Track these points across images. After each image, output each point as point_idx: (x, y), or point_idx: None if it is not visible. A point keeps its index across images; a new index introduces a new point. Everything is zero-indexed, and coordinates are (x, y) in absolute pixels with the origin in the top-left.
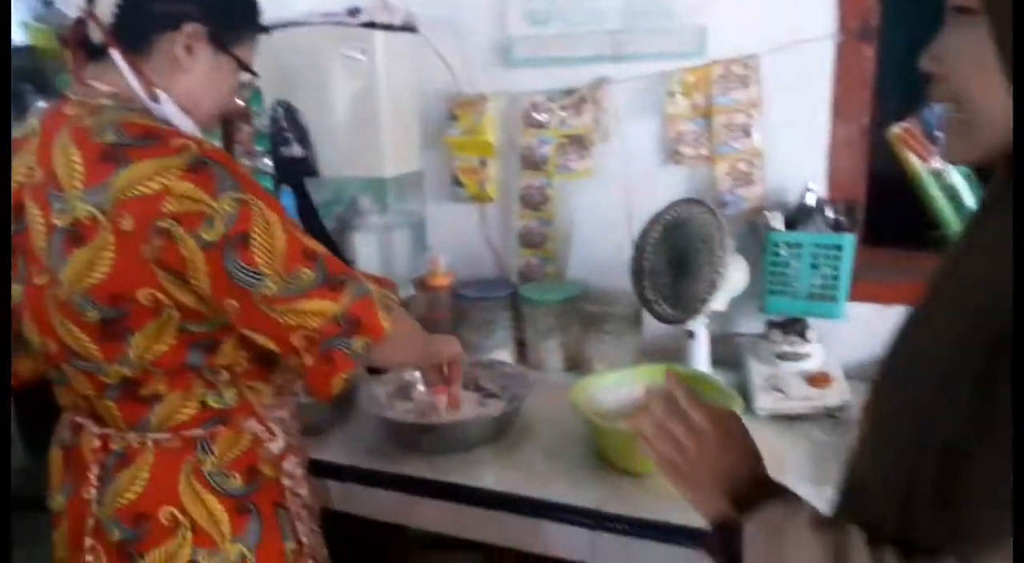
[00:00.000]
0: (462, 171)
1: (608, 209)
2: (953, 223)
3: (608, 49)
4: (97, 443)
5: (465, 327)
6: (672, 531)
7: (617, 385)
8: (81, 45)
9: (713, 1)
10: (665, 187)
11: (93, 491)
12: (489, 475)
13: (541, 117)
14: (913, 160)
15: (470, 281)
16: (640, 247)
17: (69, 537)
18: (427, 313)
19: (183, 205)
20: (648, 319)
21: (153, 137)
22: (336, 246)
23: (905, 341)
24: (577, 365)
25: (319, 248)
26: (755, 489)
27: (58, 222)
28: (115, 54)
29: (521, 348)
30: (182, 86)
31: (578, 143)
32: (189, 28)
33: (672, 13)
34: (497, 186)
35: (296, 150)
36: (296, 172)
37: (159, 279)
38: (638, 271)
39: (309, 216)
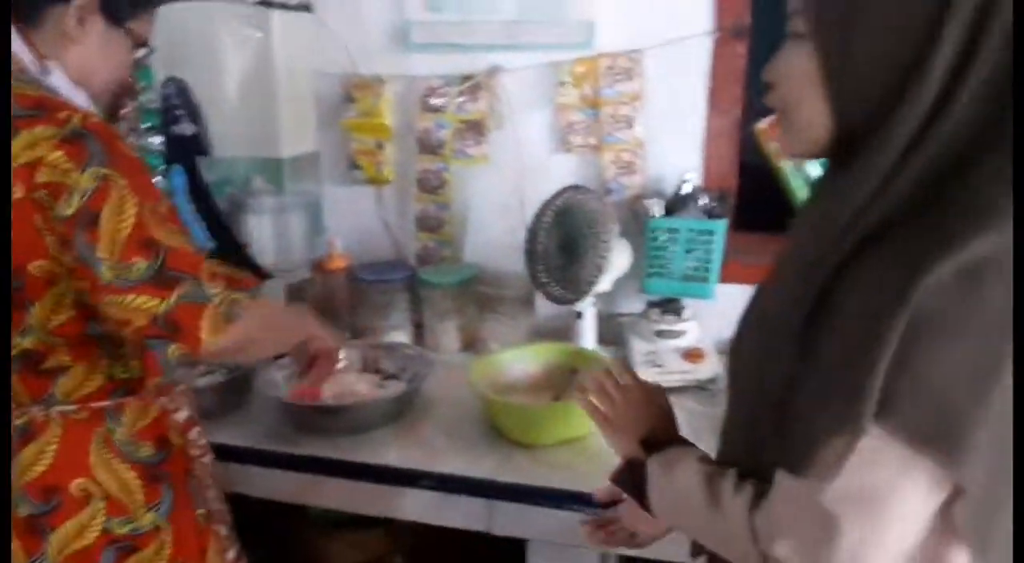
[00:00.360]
0: (359, 153)
1: (502, 194)
2: None
3: (503, 38)
4: None
5: (363, 309)
6: (562, 497)
7: (511, 363)
8: None
9: None
10: (556, 174)
11: None
12: (389, 453)
13: (438, 102)
14: (777, 153)
15: (368, 263)
16: (533, 231)
17: None
18: (324, 295)
19: (52, 175)
20: (540, 300)
21: (43, 108)
22: (228, 228)
23: (752, 306)
24: (473, 345)
25: (169, 240)
26: (665, 440)
27: None
28: None
29: (418, 330)
30: (74, 58)
31: (474, 129)
32: (80, 1)
33: (563, 6)
34: (394, 169)
35: (187, 128)
36: (187, 151)
37: (51, 250)
38: (531, 254)
39: (201, 196)
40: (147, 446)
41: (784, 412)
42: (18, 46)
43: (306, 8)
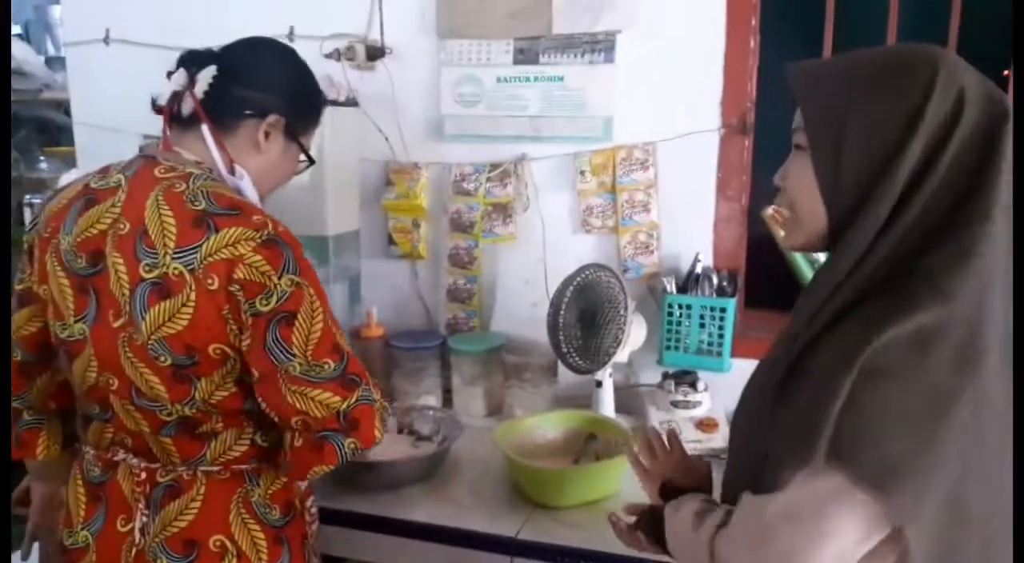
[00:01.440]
0: (396, 231)
1: (527, 270)
2: None
3: (528, 130)
4: (142, 476)
5: (397, 374)
6: (579, 555)
7: (534, 428)
8: (173, 115)
9: (618, 96)
10: (576, 253)
11: (140, 521)
12: (420, 510)
13: (469, 186)
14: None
15: (402, 332)
16: (555, 305)
17: None
18: (361, 362)
19: (250, 274)
20: (562, 369)
21: (238, 209)
22: None
23: (751, 377)
24: (498, 410)
25: (347, 346)
26: (686, 490)
27: (146, 275)
28: (205, 129)
29: (447, 394)
30: (254, 164)
31: (502, 211)
32: (272, 118)
33: (583, 104)
34: (428, 246)
35: None
36: None
37: (229, 335)
38: (553, 326)
39: None
40: (276, 510)
41: (764, 459)
42: (214, 150)
43: (353, 103)
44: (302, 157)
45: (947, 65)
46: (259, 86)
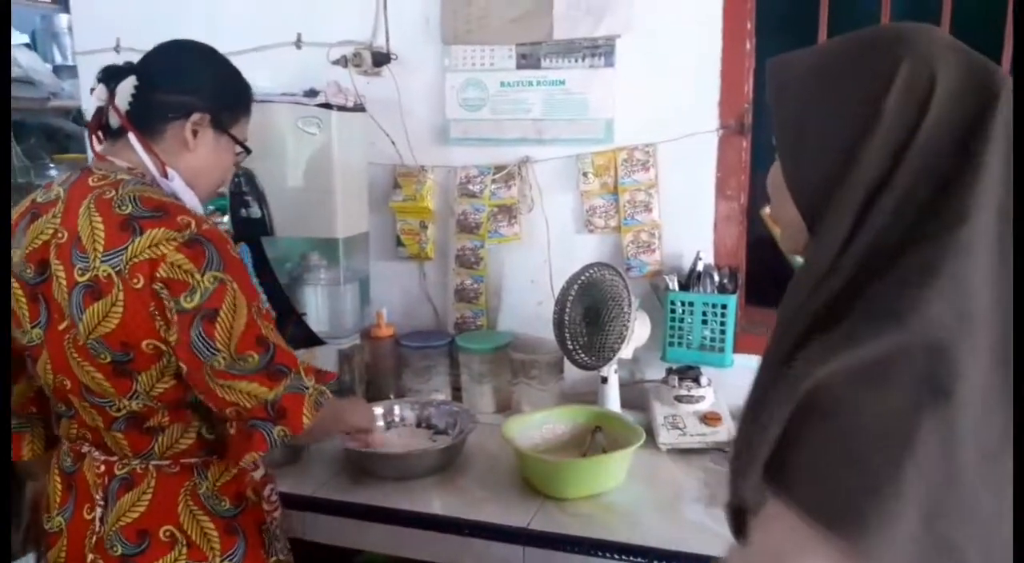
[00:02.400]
0: (404, 233)
1: (533, 269)
2: None
3: (532, 133)
4: (102, 469)
5: (407, 373)
6: (587, 544)
7: (542, 423)
8: (101, 128)
9: (618, 99)
10: (581, 252)
11: (99, 511)
12: (432, 501)
13: (474, 188)
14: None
15: (411, 331)
16: (560, 303)
17: (69, 553)
18: (372, 361)
19: (173, 273)
20: (568, 366)
21: (163, 210)
22: (287, 299)
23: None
24: (506, 407)
25: (274, 338)
26: None
27: (79, 278)
28: (132, 137)
29: (456, 392)
30: (187, 164)
31: (507, 212)
32: (196, 116)
33: (585, 107)
34: (435, 247)
35: (254, 212)
36: (253, 231)
37: (159, 331)
38: (559, 324)
39: (264, 271)
40: (226, 501)
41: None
42: (144, 156)
43: (360, 109)
44: (239, 148)
45: (916, 48)
46: (178, 88)
